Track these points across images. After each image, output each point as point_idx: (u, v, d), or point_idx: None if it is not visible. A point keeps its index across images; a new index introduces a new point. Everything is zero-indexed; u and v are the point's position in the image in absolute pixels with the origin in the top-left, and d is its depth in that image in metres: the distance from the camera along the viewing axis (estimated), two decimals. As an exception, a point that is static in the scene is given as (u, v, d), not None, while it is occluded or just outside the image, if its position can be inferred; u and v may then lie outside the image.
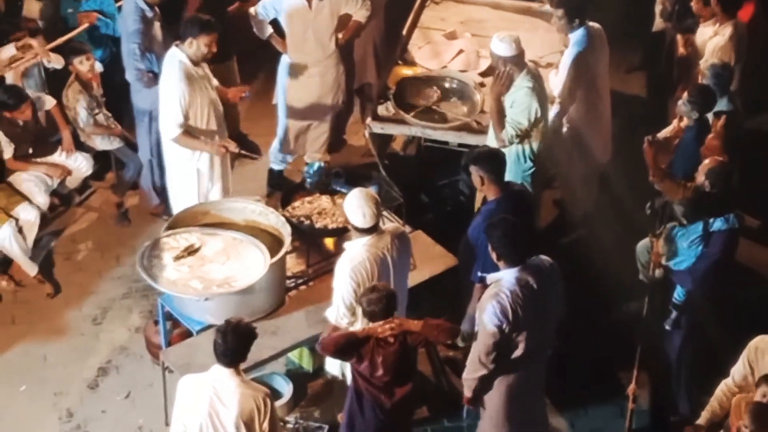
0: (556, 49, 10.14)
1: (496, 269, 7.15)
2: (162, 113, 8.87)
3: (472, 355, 7.14)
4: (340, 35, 10.03)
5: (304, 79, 10.07)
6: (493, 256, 7.02)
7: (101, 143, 10.01)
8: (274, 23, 9.99)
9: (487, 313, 6.94)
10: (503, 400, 7.27)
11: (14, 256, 9.39)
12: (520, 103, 8.56)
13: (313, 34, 9.84)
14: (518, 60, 8.60)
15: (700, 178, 7.86)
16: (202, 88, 8.78)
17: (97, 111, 9.92)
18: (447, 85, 10.06)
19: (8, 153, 9.49)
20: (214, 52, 8.75)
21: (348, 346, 6.98)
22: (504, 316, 6.89)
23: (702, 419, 7.52)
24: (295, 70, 10.04)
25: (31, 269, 9.46)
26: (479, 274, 7.81)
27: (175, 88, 8.66)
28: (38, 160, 9.70)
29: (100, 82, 10.04)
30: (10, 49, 9.83)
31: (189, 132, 8.81)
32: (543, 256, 7.17)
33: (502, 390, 7.24)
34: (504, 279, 6.97)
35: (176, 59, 8.70)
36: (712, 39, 9.59)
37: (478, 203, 8.46)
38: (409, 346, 7.04)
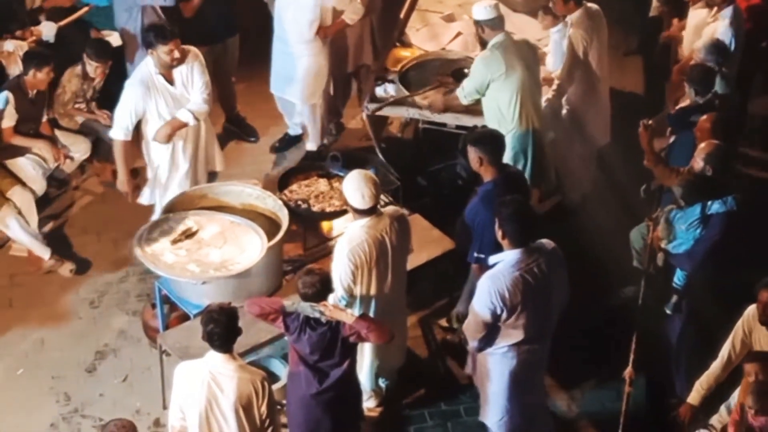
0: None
1: (492, 250, 7.16)
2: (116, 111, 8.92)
3: (465, 328, 7.20)
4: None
5: (279, 54, 10.15)
6: (499, 233, 6.99)
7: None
8: None
9: (482, 294, 6.94)
10: (505, 384, 7.28)
11: (25, 244, 9.37)
12: (474, 71, 8.76)
13: (293, 14, 9.83)
14: (495, 24, 8.69)
15: (698, 163, 7.85)
16: (158, 97, 8.73)
17: (80, 101, 9.90)
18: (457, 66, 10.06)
19: (9, 122, 9.38)
20: (177, 57, 8.67)
21: (273, 314, 7.08)
22: (500, 299, 6.88)
23: (695, 399, 7.58)
24: (275, 42, 10.14)
25: (44, 253, 9.43)
26: (475, 255, 7.82)
27: (127, 89, 8.74)
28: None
29: (102, 79, 9.98)
30: (8, 44, 9.77)
31: (128, 144, 8.86)
32: (546, 240, 7.17)
33: (504, 374, 7.24)
34: (505, 261, 6.96)
35: (143, 65, 8.76)
36: (711, 24, 9.56)
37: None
38: (339, 333, 7.04)
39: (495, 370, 7.29)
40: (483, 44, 8.90)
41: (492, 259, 7.07)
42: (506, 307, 6.91)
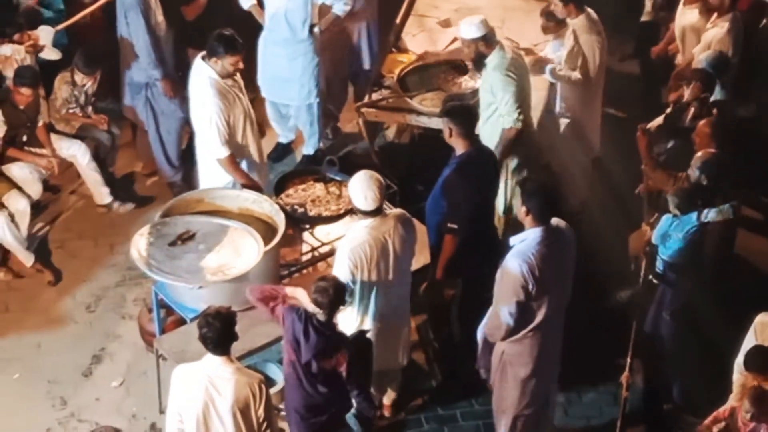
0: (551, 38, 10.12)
1: (467, 221, 7.35)
2: (204, 133, 8.62)
3: (493, 311, 7.18)
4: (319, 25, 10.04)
5: (273, 57, 10.15)
6: (522, 210, 7.02)
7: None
8: None
9: (513, 272, 6.94)
10: (529, 369, 7.32)
11: (9, 246, 9.36)
12: (508, 89, 8.64)
13: (285, 14, 9.85)
14: (490, 39, 8.68)
15: (694, 171, 7.86)
16: (235, 100, 8.57)
17: (73, 106, 9.89)
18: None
19: None
20: (240, 68, 8.55)
21: (274, 301, 7.20)
22: (530, 274, 6.91)
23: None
24: (267, 46, 10.14)
25: (27, 259, 9.43)
26: (449, 225, 7.89)
27: (210, 106, 8.45)
28: (31, 149, 9.66)
29: (95, 82, 9.99)
30: (6, 48, 9.75)
31: (233, 156, 8.61)
32: (558, 219, 7.18)
33: (531, 359, 7.27)
34: (529, 238, 6.99)
35: (206, 75, 8.46)
36: (710, 30, 9.55)
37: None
38: (342, 340, 7.11)
39: (523, 354, 7.29)
40: (478, 59, 8.81)
41: (513, 240, 7.08)
42: (536, 282, 6.93)
